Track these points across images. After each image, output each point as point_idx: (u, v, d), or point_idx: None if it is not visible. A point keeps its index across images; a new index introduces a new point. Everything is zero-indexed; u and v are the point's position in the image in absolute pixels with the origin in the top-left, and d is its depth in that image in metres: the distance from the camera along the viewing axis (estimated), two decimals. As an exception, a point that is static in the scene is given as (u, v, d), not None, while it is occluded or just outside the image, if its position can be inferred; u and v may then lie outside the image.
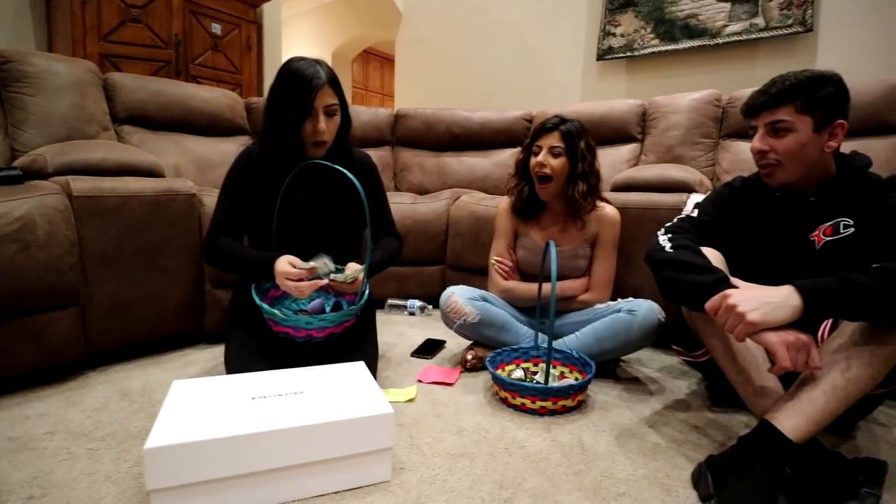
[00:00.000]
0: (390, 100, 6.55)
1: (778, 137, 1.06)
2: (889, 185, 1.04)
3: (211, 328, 1.68)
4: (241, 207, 1.32)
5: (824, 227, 1.09)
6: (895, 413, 1.28)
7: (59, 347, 1.32)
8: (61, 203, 1.32)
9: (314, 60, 1.25)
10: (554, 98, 3.26)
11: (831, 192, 1.09)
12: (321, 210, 1.34)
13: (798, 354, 0.85)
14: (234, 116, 2.40)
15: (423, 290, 2.17)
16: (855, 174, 1.08)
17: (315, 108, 1.22)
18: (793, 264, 1.11)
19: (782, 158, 1.06)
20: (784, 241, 1.14)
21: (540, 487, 0.94)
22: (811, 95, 1.03)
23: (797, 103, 1.04)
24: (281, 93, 1.23)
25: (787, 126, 1.05)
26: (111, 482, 0.91)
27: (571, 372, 1.42)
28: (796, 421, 0.86)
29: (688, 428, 1.18)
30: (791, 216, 1.13)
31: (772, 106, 1.06)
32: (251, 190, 1.30)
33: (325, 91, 1.22)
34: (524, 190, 1.61)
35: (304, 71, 1.21)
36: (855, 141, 1.84)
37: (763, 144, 1.08)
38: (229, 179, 1.34)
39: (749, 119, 1.13)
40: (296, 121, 1.23)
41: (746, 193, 1.21)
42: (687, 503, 0.90)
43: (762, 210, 1.18)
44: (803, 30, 2.46)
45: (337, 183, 1.28)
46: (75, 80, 1.84)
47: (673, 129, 2.25)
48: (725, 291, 0.92)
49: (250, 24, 3.42)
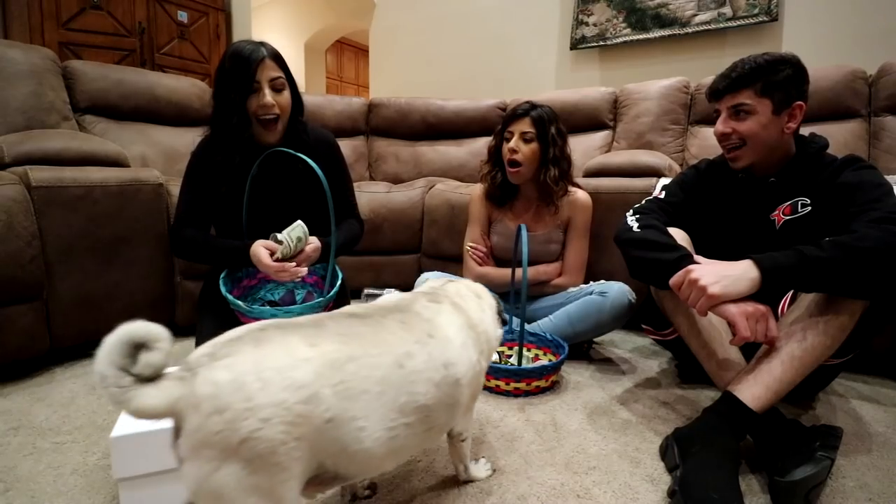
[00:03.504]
0: (365, 90, 6.48)
1: (739, 120, 1.09)
2: (844, 164, 1.08)
3: (182, 320, 1.64)
4: (202, 197, 1.29)
5: (784, 207, 1.13)
6: (852, 384, 1.34)
7: (22, 342, 1.28)
8: (20, 194, 1.27)
9: (257, 42, 1.23)
10: (528, 87, 3.27)
11: (790, 173, 1.13)
12: (284, 194, 1.32)
13: (757, 325, 0.89)
14: (203, 106, 2.34)
15: (399, 278, 2.17)
16: (812, 155, 1.12)
17: (258, 83, 1.20)
18: (754, 243, 1.14)
19: (745, 140, 1.10)
20: (746, 220, 1.18)
21: (513, 465, 0.95)
22: (769, 79, 1.06)
23: (756, 87, 1.07)
24: (224, 74, 1.21)
25: (748, 109, 1.08)
26: (78, 475, 0.90)
27: (545, 354, 1.44)
28: (756, 391, 0.90)
29: (657, 404, 1.22)
30: (752, 196, 1.17)
31: (733, 90, 1.09)
32: (209, 178, 1.28)
33: (266, 64, 1.20)
34: (497, 176, 1.62)
35: (244, 48, 1.20)
36: (815, 125, 1.89)
37: (726, 127, 1.11)
38: (188, 170, 1.31)
39: (713, 103, 1.16)
40: (239, 98, 1.20)
41: (711, 175, 1.25)
42: (655, 474, 0.92)
43: (726, 191, 1.21)
44: (769, 19, 2.52)
45: (297, 166, 1.24)
46: (32, 68, 1.77)
47: (643, 116, 2.29)
48: (688, 267, 0.95)
49: (218, 12, 3.34)
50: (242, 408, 0.50)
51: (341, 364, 0.58)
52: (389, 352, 0.63)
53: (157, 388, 0.50)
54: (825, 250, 0.87)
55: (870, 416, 1.17)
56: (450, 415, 0.72)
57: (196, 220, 1.30)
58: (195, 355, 0.55)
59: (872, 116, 1.91)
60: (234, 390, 0.51)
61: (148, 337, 0.50)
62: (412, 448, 0.69)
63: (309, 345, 0.57)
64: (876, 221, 0.89)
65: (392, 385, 0.61)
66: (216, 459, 0.50)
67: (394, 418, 0.61)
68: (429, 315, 0.73)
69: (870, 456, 0.99)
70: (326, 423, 0.55)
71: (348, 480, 0.64)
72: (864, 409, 1.20)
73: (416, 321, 0.71)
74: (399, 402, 0.62)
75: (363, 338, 0.63)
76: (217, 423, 0.49)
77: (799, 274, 0.88)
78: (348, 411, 0.57)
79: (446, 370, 0.69)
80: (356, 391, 0.58)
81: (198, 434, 0.50)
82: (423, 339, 0.68)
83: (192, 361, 0.54)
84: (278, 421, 0.51)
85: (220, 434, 0.49)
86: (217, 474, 0.50)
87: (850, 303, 0.92)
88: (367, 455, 0.59)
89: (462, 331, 0.75)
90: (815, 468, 0.79)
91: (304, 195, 1.32)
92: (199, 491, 0.51)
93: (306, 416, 0.53)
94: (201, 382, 0.51)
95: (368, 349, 0.61)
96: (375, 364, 0.61)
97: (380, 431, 0.60)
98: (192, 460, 0.50)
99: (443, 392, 0.68)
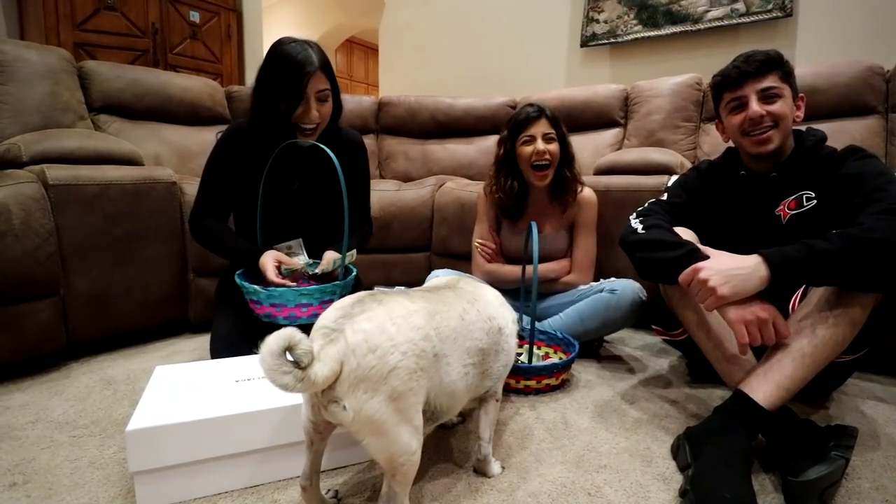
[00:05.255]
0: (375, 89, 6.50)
1: (770, 103, 1.10)
2: (845, 155, 1.07)
3: (195, 317, 1.66)
4: (226, 187, 1.30)
5: (788, 202, 1.12)
6: (865, 385, 1.32)
7: (39, 338, 1.31)
8: (37, 192, 1.29)
9: (305, 42, 1.21)
10: (538, 84, 3.25)
11: (791, 167, 1.13)
12: (308, 196, 1.33)
13: (758, 330, 0.88)
14: (215, 105, 2.36)
15: (409, 276, 2.17)
16: (811, 147, 1.12)
17: (307, 95, 1.19)
18: (762, 239, 1.13)
19: (777, 122, 1.10)
20: (751, 217, 1.17)
21: (524, 462, 0.95)
22: (784, 68, 1.10)
23: (778, 73, 1.10)
24: (271, 77, 1.20)
25: (777, 92, 1.09)
26: (95, 467, 0.91)
27: (556, 352, 1.44)
28: (767, 388, 0.89)
29: (667, 403, 1.21)
30: (755, 193, 1.17)
31: (759, 74, 1.10)
32: (237, 170, 1.29)
33: (317, 77, 1.19)
34: (513, 185, 1.56)
35: (296, 55, 1.17)
36: (831, 122, 1.87)
37: (761, 108, 1.10)
38: (215, 158, 1.31)
39: (727, 91, 1.15)
40: (287, 107, 1.20)
41: (713, 175, 1.25)
42: (666, 473, 0.92)
43: (728, 189, 1.21)
44: (783, 15, 2.48)
45: (325, 167, 1.26)
46: (48, 69, 1.80)
47: (655, 114, 2.27)
48: (697, 265, 0.95)
49: (230, 11, 3.37)
50: (389, 345, 0.65)
51: (433, 314, 0.74)
52: (454, 309, 0.80)
53: (319, 360, 0.62)
54: (833, 243, 0.86)
55: (885, 416, 1.15)
56: (496, 361, 0.88)
57: (216, 209, 1.31)
58: (328, 320, 0.67)
59: (889, 113, 1.88)
60: (379, 333, 0.65)
61: (292, 340, 0.61)
62: (475, 388, 0.84)
63: (412, 301, 0.74)
64: (884, 213, 0.88)
65: (461, 333, 0.78)
66: (371, 390, 0.63)
67: (465, 359, 0.78)
68: (470, 289, 0.91)
69: (886, 457, 0.98)
70: (434, 357, 0.71)
71: (440, 420, 0.79)
72: (878, 409, 1.18)
73: (462, 292, 0.87)
74: (466, 346, 0.79)
75: (434, 299, 0.79)
76: (371, 360, 0.63)
77: (808, 267, 0.87)
78: (443, 349, 0.73)
79: (491, 322, 0.86)
80: (444, 335, 0.74)
81: (357, 372, 0.63)
82: (472, 301, 0.85)
83: (332, 324, 0.66)
84: (411, 353, 0.67)
85: (375, 368, 0.63)
86: (371, 402, 0.63)
87: (861, 297, 0.91)
88: (453, 388, 0.76)
89: (497, 297, 0.95)
90: (829, 468, 0.78)
91: (324, 194, 1.33)
92: (358, 419, 0.64)
93: (426, 350, 0.69)
94: (352, 333, 0.64)
95: (442, 306, 0.78)
96: (450, 317, 0.77)
97: (458, 367, 0.77)
98: (351, 395, 0.63)
99: (492, 339, 0.85)
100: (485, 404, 0.92)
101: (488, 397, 0.92)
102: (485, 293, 0.92)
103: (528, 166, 1.52)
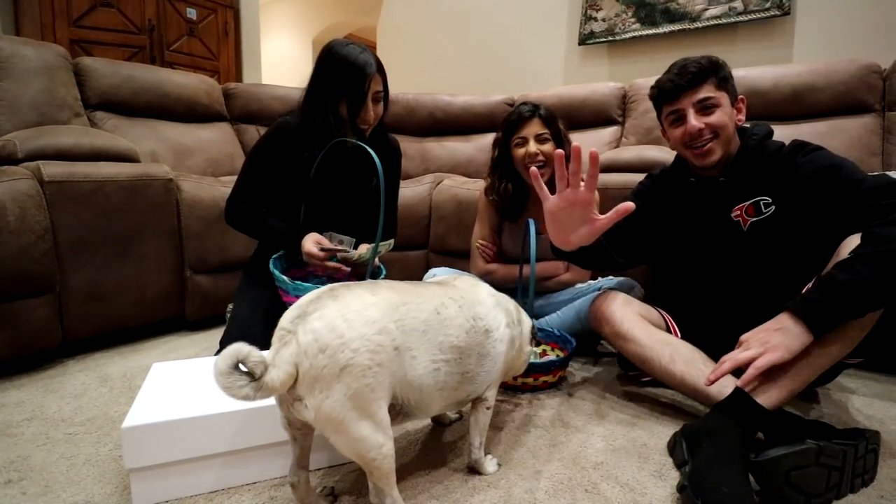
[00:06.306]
0: (373, 87, 6.47)
1: (708, 114, 1.09)
2: (794, 153, 1.06)
3: (192, 315, 1.66)
4: (268, 180, 1.32)
5: (745, 206, 1.11)
6: (863, 382, 1.33)
7: (35, 335, 1.30)
8: (32, 188, 1.29)
9: (360, 46, 1.24)
10: (536, 82, 3.25)
11: (738, 169, 1.12)
12: (349, 193, 1.35)
13: None
14: (212, 102, 2.36)
15: (406, 274, 2.17)
16: (755, 148, 1.11)
17: (365, 95, 1.22)
18: (721, 246, 1.14)
19: (718, 132, 1.09)
20: (707, 223, 1.16)
21: (521, 459, 0.95)
22: (719, 74, 1.09)
23: (713, 81, 1.09)
24: (330, 78, 1.23)
25: (714, 102, 1.08)
26: (91, 465, 0.91)
27: (553, 349, 1.44)
28: (768, 389, 0.89)
29: (664, 400, 1.21)
30: (707, 198, 1.16)
31: (694, 85, 1.09)
32: (282, 165, 1.30)
33: (375, 79, 1.23)
34: (508, 187, 1.55)
35: (357, 58, 1.20)
36: (828, 120, 1.88)
37: (699, 122, 1.09)
38: (262, 150, 1.32)
39: (665, 104, 1.15)
40: (350, 108, 1.22)
41: (665, 182, 1.25)
42: (663, 469, 0.92)
43: (681, 196, 1.21)
44: (781, 13, 2.49)
45: (366, 167, 1.28)
46: (44, 65, 1.79)
47: (652, 112, 2.26)
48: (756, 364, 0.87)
49: (227, 8, 3.35)
50: (338, 343, 0.64)
51: (396, 306, 0.72)
52: (429, 301, 0.78)
53: (274, 366, 0.62)
54: (855, 271, 0.85)
55: (882, 413, 1.15)
56: (480, 366, 0.84)
57: (253, 199, 1.32)
58: (286, 320, 0.67)
59: (886, 111, 1.88)
60: (328, 332, 0.64)
61: (240, 355, 0.61)
62: (453, 390, 0.81)
63: (372, 294, 0.72)
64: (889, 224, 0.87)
65: (432, 326, 0.76)
66: (326, 389, 0.63)
67: (435, 354, 0.76)
68: (464, 286, 0.90)
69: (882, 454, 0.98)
70: (395, 350, 0.69)
71: (414, 416, 0.78)
72: (875, 406, 1.19)
73: (451, 289, 0.86)
74: (438, 340, 0.76)
75: (409, 291, 0.78)
76: (322, 360, 0.63)
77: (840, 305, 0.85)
78: (406, 342, 0.71)
79: (475, 322, 0.83)
80: (409, 327, 0.72)
81: (311, 372, 0.63)
82: (455, 296, 0.83)
83: (288, 325, 0.66)
84: (364, 350, 0.65)
85: (326, 367, 0.63)
86: (328, 400, 0.64)
87: None
88: (420, 382, 0.74)
89: (492, 297, 0.92)
90: (792, 448, 0.77)
91: (360, 194, 1.35)
92: (319, 417, 0.64)
93: (382, 344, 0.67)
94: (302, 334, 0.64)
95: (413, 298, 0.76)
96: (420, 309, 0.75)
97: (426, 362, 0.74)
98: (309, 395, 0.64)
99: (473, 339, 0.82)
100: (475, 411, 0.90)
101: (478, 405, 0.90)
102: (478, 293, 0.89)
103: (524, 168, 1.51)
